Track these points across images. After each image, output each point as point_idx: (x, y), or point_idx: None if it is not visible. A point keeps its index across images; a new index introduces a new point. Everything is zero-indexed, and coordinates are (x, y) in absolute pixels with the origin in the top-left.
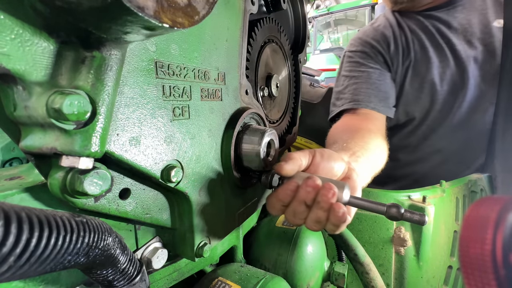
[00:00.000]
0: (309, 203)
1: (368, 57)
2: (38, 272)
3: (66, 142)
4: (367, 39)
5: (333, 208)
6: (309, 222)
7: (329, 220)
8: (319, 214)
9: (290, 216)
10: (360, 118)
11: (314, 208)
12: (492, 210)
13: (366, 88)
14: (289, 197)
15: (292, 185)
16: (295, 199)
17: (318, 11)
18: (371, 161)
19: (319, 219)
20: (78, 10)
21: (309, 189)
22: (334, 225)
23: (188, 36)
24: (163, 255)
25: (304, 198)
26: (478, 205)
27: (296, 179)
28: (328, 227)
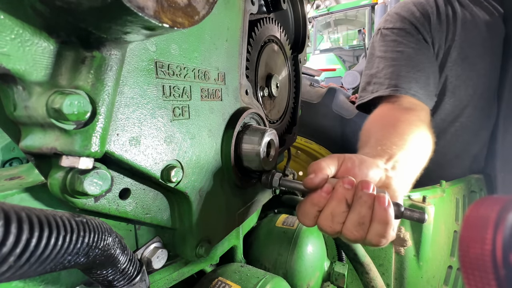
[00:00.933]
0: (350, 202)
1: (408, 35)
2: (38, 272)
3: (66, 142)
4: (405, 14)
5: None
6: (349, 225)
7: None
8: (363, 212)
9: (327, 221)
10: (400, 108)
11: (355, 205)
12: (492, 210)
13: (406, 71)
14: (324, 200)
15: (327, 187)
16: (333, 198)
17: (318, 11)
18: (412, 164)
19: (363, 219)
20: (78, 10)
21: (347, 186)
22: (380, 222)
23: (188, 36)
24: (163, 255)
25: (344, 195)
26: (478, 205)
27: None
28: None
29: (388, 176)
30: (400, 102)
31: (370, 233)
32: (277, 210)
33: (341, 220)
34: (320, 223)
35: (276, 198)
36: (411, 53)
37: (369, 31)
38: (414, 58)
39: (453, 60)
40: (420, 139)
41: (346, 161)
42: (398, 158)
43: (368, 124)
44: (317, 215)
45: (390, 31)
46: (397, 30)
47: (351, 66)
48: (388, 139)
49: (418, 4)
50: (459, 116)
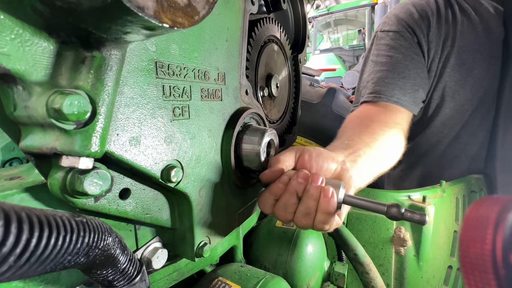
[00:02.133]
0: (300, 194)
1: (402, 38)
2: (38, 272)
3: (66, 142)
4: (404, 16)
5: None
6: (299, 215)
7: (318, 209)
8: (309, 204)
9: (281, 210)
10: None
11: (303, 197)
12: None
13: (391, 77)
14: (281, 190)
15: (284, 178)
16: (286, 190)
17: (318, 11)
18: (375, 160)
19: (309, 210)
20: (78, 10)
21: (300, 180)
22: (324, 212)
23: (188, 36)
24: (163, 255)
25: (296, 188)
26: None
27: (287, 174)
28: (318, 219)
29: (343, 168)
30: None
31: (315, 221)
32: None
33: (292, 210)
34: (275, 211)
35: None
36: (400, 59)
37: (369, 31)
38: (402, 64)
39: (451, 66)
40: (390, 139)
41: (304, 153)
42: (361, 153)
43: (345, 122)
44: (274, 203)
45: (385, 34)
46: (392, 33)
47: (351, 66)
48: (358, 136)
49: (418, 5)
50: (459, 120)
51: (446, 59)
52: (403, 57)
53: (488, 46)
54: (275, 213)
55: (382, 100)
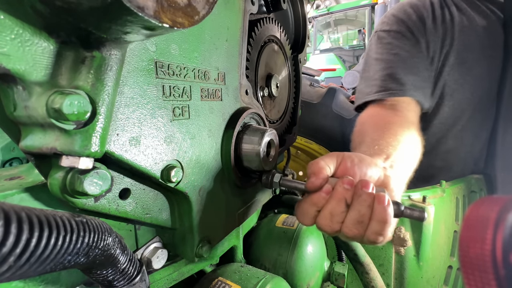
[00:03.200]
0: (349, 201)
1: (404, 38)
2: (38, 272)
3: (66, 142)
4: (402, 17)
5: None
6: (349, 223)
7: (372, 218)
8: (362, 210)
9: (326, 220)
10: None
11: (355, 204)
12: (492, 210)
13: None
14: (324, 200)
15: (326, 188)
16: (333, 198)
17: (318, 11)
18: (407, 164)
19: (362, 218)
20: (78, 10)
21: (347, 186)
22: (379, 221)
23: (188, 36)
24: (163, 255)
25: (343, 195)
26: (478, 205)
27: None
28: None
29: (386, 175)
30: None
31: (368, 231)
32: (277, 210)
33: (340, 220)
34: (320, 222)
35: (276, 198)
36: (406, 56)
37: (369, 31)
38: (409, 61)
39: (451, 64)
40: (411, 140)
41: (345, 159)
42: (395, 157)
43: (360, 125)
44: (316, 214)
45: (386, 33)
46: (394, 32)
47: (351, 66)
48: (383, 139)
49: (415, 6)
50: (459, 119)
51: (445, 57)
52: (410, 55)
53: (487, 46)
54: (319, 225)
55: (395, 96)
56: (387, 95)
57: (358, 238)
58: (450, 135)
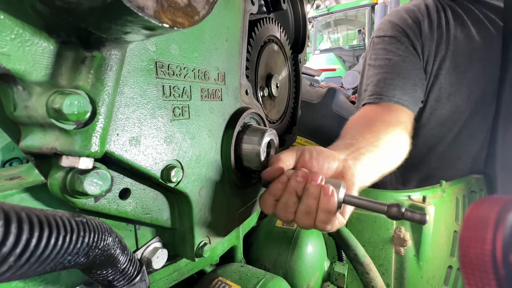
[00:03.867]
0: (300, 193)
1: (398, 42)
2: (38, 272)
3: (66, 142)
4: (398, 22)
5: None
6: (299, 214)
7: (318, 209)
8: (309, 202)
9: (282, 210)
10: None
11: (303, 197)
12: (492, 210)
13: (391, 79)
14: (280, 191)
15: (283, 178)
16: (286, 190)
17: (318, 11)
18: (380, 159)
19: (309, 208)
20: (78, 10)
21: (300, 179)
22: (324, 211)
23: (188, 36)
24: (163, 255)
25: (295, 187)
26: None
27: (286, 174)
28: (319, 218)
29: (345, 166)
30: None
31: (317, 221)
32: None
33: (293, 210)
34: (276, 212)
35: None
36: (398, 61)
37: (369, 31)
38: (401, 65)
39: (446, 68)
40: (394, 138)
41: (304, 153)
42: (365, 151)
43: (348, 122)
44: (275, 204)
45: (381, 39)
46: (388, 38)
47: (351, 66)
48: (361, 134)
49: (410, 11)
50: (458, 121)
51: (441, 61)
52: (401, 59)
53: (482, 50)
54: (276, 213)
55: (384, 101)
56: (378, 100)
57: (310, 227)
58: (449, 137)
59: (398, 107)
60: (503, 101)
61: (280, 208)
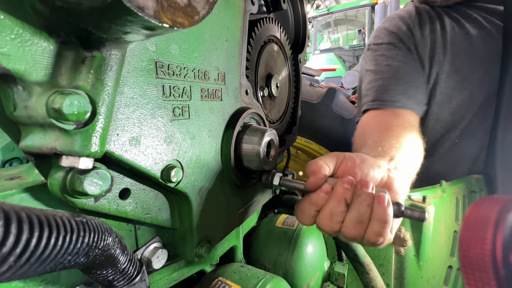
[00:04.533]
0: (349, 201)
1: (396, 49)
2: (38, 272)
3: (66, 142)
4: (393, 29)
5: (376, 200)
6: (348, 223)
7: (372, 218)
8: (362, 210)
9: (326, 219)
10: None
11: (355, 203)
12: (492, 210)
13: (393, 84)
14: (323, 200)
15: (326, 187)
16: (332, 197)
17: (318, 11)
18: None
19: (361, 217)
20: (78, 10)
21: (347, 185)
22: (379, 220)
23: (188, 36)
24: (163, 255)
25: (343, 194)
26: (478, 205)
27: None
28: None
29: (390, 177)
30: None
31: (368, 232)
32: (277, 210)
33: (340, 220)
34: (319, 222)
35: (276, 198)
36: (398, 66)
37: (369, 31)
38: (402, 70)
39: (446, 72)
40: (414, 142)
41: (346, 160)
42: (398, 159)
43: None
44: (316, 214)
45: (379, 46)
46: (386, 44)
47: (351, 66)
48: (386, 141)
49: (402, 18)
50: (459, 123)
51: (440, 66)
52: (402, 64)
53: (483, 52)
54: (319, 225)
55: (387, 107)
56: (381, 106)
57: (358, 239)
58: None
59: (403, 111)
60: (503, 101)
61: (324, 217)
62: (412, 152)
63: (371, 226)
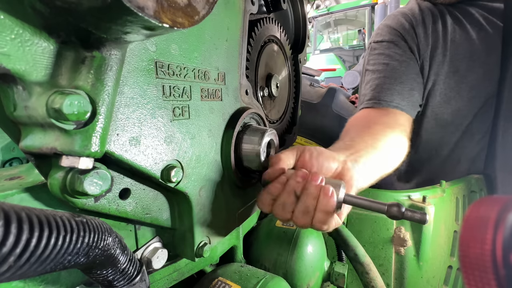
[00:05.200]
0: (299, 193)
1: (395, 47)
2: (38, 272)
3: (66, 142)
4: (395, 26)
5: (322, 192)
6: (297, 213)
7: (317, 208)
8: (308, 202)
9: (279, 209)
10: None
11: (302, 196)
12: (492, 210)
13: (389, 83)
14: (278, 190)
15: (282, 179)
16: (285, 189)
17: (318, 11)
18: (378, 160)
19: (307, 208)
20: (78, 10)
21: (299, 179)
22: (323, 211)
23: (188, 36)
24: (163, 255)
25: (294, 187)
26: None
27: (285, 175)
28: (316, 218)
29: (344, 168)
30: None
31: (314, 220)
32: None
33: (291, 210)
34: (274, 211)
35: None
36: (396, 66)
37: (369, 31)
38: (399, 70)
39: (445, 73)
40: (393, 140)
41: (304, 152)
42: (363, 153)
43: (347, 124)
44: (272, 203)
45: (379, 44)
46: (386, 43)
47: (351, 66)
48: (360, 137)
49: (405, 15)
50: (460, 125)
51: (439, 67)
52: (399, 64)
53: (482, 53)
54: (273, 212)
55: (382, 106)
56: (376, 105)
57: (307, 227)
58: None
59: (397, 111)
60: (503, 101)
61: (278, 207)
62: (386, 149)
63: (316, 216)
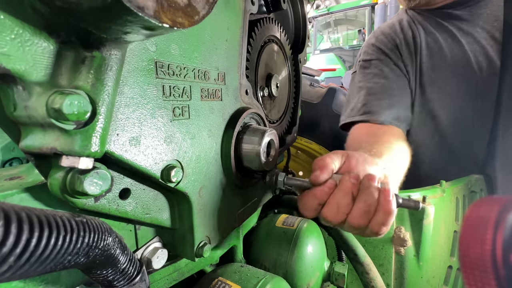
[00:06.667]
0: (355, 194)
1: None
2: (38, 272)
3: (66, 142)
4: (380, 46)
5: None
6: (355, 214)
7: (378, 209)
8: (369, 201)
9: (333, 211)
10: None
11: (362, 195)
12: (492, 210)
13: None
14: (326, 195)
15: (330, 183)
16: (340, 190)
17: (318, 11)
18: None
19: (369, 208)
20: (78, 10)
21: (354, 180)
22: (385, 212)
23: (188, 36)
24: (163, 255)
25: (351, 188)
26: (478, 205)
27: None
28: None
29: (385, 175)
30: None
31: (372, 222)
32: (277, 210)
33: (346, 211)
34: (325, 213)
35: (276, 198)
36: (384, 83)
37: (369, 31)
38: (387, 87)
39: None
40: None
41: (349, 158)
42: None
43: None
44: (318, 208)
45: (368, 63)
46: (374, 61)
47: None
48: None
49: (388, 34)
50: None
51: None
52: (387, 82)
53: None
54: (324, 215)
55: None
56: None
57: (363, 228)
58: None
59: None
60: (503, 101)
61: (331, 208)
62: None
63: (377, 217)
